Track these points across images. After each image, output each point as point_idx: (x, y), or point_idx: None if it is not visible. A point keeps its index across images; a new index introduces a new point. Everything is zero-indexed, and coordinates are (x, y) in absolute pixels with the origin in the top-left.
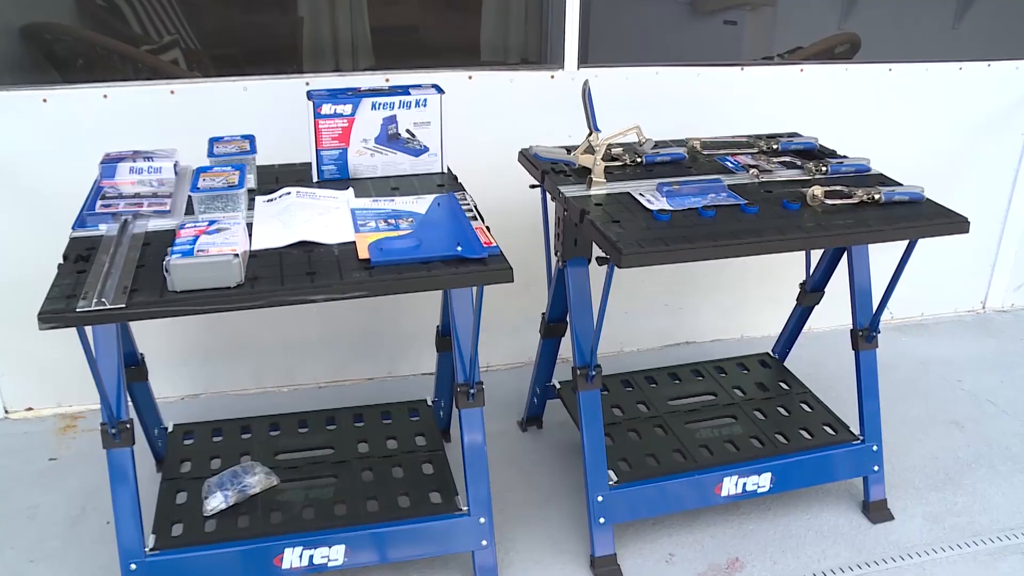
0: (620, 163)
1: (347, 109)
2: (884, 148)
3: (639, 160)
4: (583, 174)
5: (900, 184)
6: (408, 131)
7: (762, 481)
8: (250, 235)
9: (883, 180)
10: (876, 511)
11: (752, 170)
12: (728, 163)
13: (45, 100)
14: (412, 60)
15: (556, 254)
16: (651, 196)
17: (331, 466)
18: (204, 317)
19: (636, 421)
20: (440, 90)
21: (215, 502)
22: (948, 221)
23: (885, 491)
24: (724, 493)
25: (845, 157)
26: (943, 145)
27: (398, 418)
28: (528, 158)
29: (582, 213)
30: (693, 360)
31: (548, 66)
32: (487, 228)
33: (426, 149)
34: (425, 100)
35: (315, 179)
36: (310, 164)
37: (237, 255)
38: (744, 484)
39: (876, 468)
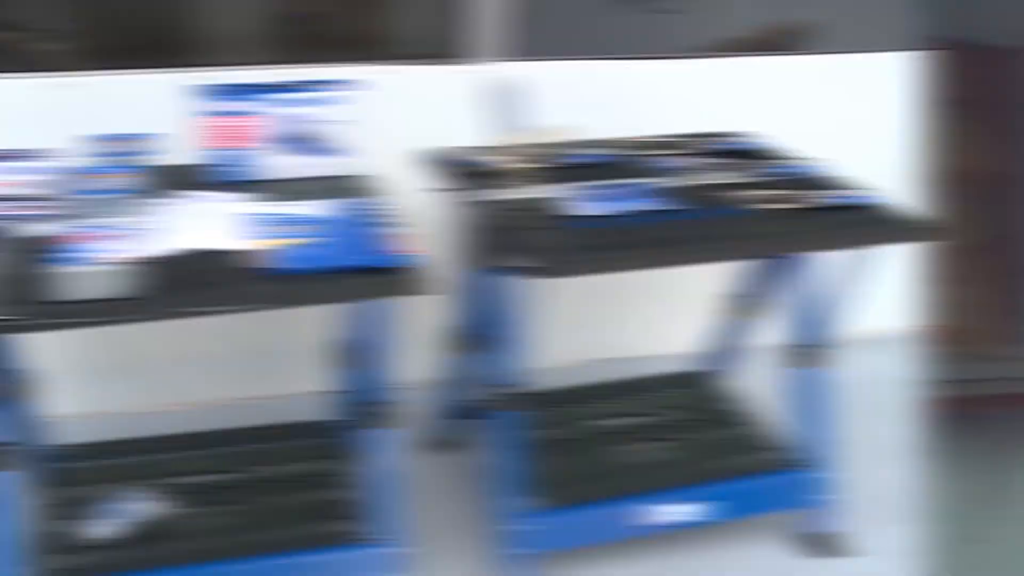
0: (541, 165)
1: (247, 106)
2: (840, 147)
3: (562, 162)
4: (500, 177)
5: (854, 187)
6: (314, 130)
7: (694, 510)
8: (142, 241)
9: (832, 183)
10: (826, 546)
11: (684, 173)
12: (659, 165)
13: None
14: (318, 52)
15: (471, 264)
16: (575, 201)
17: (227, 491)
18: (90, 331)
19: (556, 444)
20: (350, 85)
21: (98, 531)
22: (907, 228)
23: (838, 524)
24: (652, 523)
25: (789, 158)
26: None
27: (302, 439)
28: (441, 160)
29: (499, 219)
30: (618, 377)
31: (463, 59)
32: (400, 235)
33: (334, 149)
34: (333, 97)
35: (212, 181)
36: (207, 165)
37: (127, 263)
38: (674, 513)
39: (826, 498)
